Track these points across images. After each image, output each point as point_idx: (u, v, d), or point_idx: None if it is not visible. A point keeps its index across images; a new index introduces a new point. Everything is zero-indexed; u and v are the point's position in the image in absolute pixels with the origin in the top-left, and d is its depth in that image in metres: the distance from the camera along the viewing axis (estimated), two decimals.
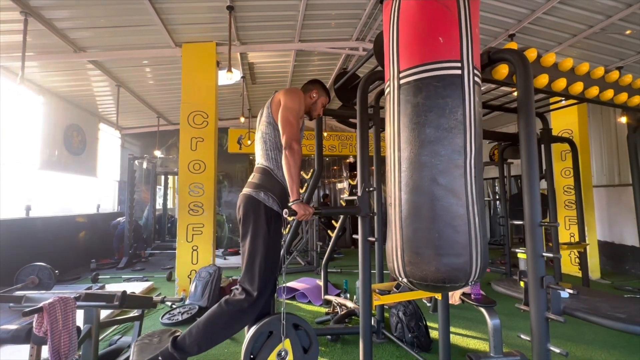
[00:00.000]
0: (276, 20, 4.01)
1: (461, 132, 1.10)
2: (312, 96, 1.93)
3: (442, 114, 1.11)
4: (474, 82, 1.15)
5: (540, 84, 2.03)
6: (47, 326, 1.42)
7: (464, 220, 1.09)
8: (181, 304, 3.37)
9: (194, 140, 4.04)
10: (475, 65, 1.17)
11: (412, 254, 1.14)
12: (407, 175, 1.15)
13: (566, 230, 4.95)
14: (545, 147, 3.97)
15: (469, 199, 1.10)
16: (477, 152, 1.15)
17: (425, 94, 1.13)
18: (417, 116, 1.14)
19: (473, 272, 1.11)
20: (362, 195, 1.80)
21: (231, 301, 1.63)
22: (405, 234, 1.16)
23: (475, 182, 1.13)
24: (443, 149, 1.10)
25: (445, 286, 1.12)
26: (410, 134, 1.15)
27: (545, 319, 1.39)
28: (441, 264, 1.09)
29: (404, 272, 1.18)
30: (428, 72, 1.13)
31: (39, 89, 5.09)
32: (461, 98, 1.11)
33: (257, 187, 1.71)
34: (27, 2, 3.19)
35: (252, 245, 1.65)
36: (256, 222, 1.65)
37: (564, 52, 4.27)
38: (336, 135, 8.38)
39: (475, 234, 1.11)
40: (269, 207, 1.67)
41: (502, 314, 2.83)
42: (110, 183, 7.45)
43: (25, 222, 4.69)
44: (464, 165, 1.10)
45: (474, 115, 1.14)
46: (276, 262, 1.70)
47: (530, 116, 1.52)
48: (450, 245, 1.08)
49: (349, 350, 2.49)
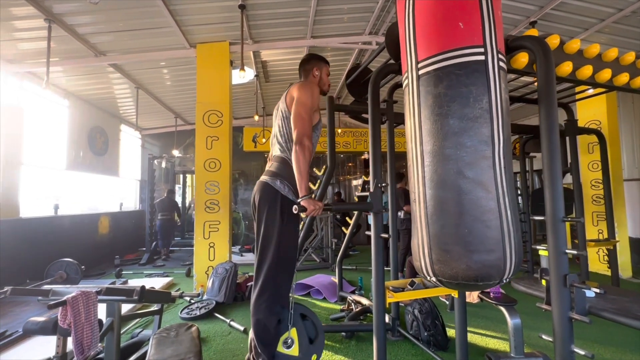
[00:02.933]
0: (288, 17, 4.00)
1: (487, 121, 1.04)
2: (315, 75, 1.91)
3: (466, 104, 1.05)
4: (499, 67, 1.09)
5: (564, 72, 1.92)
6: (70, 319, 1.49)
7: (495, 214, 1.03)
8: (199, 299, 3.45)
9: (209, 139, 4.11)
10: (499, 50, 1.10)
11: (441, 251, 1.09)
12: (431, 170, 1.10)
13: (594, 226, 4.71)
14: (570, 139, 3.77)
15: (500, 192, 1.04)
16: (506, 141, 1.09)
17: (446, 84, 1.07)
18: (439, 107, 1.08)
19: (507, 269, 1.05)
20: (374, 192, 1.77)
21: (255, 301, 1.58)
22: (432, 231, 1.12)
23: (506, 174, 1.06)
24: (469, 140, 1.04)
25: (478, 284, 1.06)
26: (432, 126, 1.10)
27: (569, 319, 1.32)
28: (472, 261, 1.03)
29: (432, 271, 1.13)
30: (449, 60, 1.07)
31: (64, 92, 5.32)
32: (486, 85, 1.05)
33: (273, 175, 1.68)
34: (50, 10, 3.33)
35: (266, 234, 1.63)
36: (271, 210, 1.63)
37: (590, 39, 4.04)
38: (350, 132, 8.31)
39: (508, 228, 1.05)
40: (284, 196, 1.64)
41: (524, 314, 2.72)
42: (131, 182, 7.72)
43: (54, 220, 4.94)
44: (492, 156, 1.04)
45: (500, 102, 1.07)
46: (291, 251, 1.65)
47: (551, 106, 1.44)
48: (481, 241, 1.03)
49: (364, 347, 2.47)
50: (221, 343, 2.58)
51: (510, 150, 1.12)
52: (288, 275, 1.64)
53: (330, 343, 2.56)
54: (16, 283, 3.71)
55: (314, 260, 5.72)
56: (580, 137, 4.82)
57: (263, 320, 1.55)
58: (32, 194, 4.76)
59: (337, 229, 6.57)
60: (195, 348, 1.61)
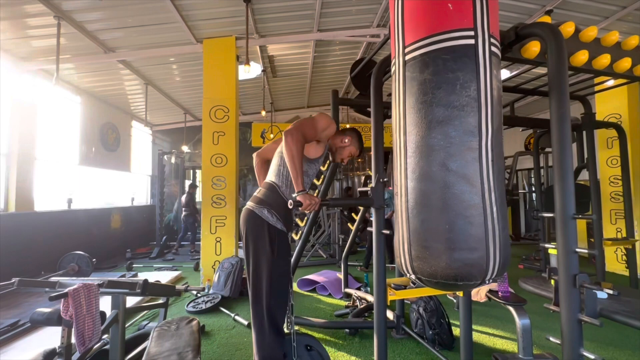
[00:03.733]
0: (294, 10, 3.95)
1: (475, 110, 0.98)
2: (344, 141, 1.76)
3: (452, 90, 0.99)
4: (491, 52, 1.02)
5: (579, 61, 1.82)
6: (72, 310, 1.51)
7: (478, 210, 0.97)
8: (204, 293, 3.49)
9: (215, 134, 4.13)
10: (492, 34, 1.03)
11: (420, 247, 1.04)
12: (413, 161, 1.05)
13: (612, 224, 4.52)
14: (587, 134, 3.61)
15: (485, 186, 0.98)
16: (495, 132, 1.02)
17: (432, 69, 1.01)
18: (423, 94, 1.02)
19: (490, 269, 1.00)
20: (376, 187, 1.72)
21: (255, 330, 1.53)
22: (412, 226, 1.07)
23: (493, 167, 1.00)
24: (454, 130, 0.98)
25: (457, 284, 1.01)
26: (416, 115, 1.04)
27: (578, 321, 1.25)
28: (452, 259, 0.98)
29: (412, 268, 1.08)
30: (436, 45, 1.01)
31: (76, 89, 5.43)
32: (475, 71, 0.99)
33: (260, 203, 1.58)
34: (59, 7, 3.38)
35: (256, 267, 1.54)
36: (259, 241, 1.54)
37: (610, 28, 3.84)
38: (359, 127, 8.22)
39: (492, 225, 0.99)
40: (272, 226, 1.55)
41: (534, 314, 2.64)
42: (142, 177, 7.86)
43: (67, 214, 5.07)
44: (478, 148, 0.98)
45: (490, 90, 1.00)
46: (283, 282, 1.56)
47: (562, 96, 1.36)
48: (462, 239, 0.98)
49: (367, 344, 2.45)
50: (225, 337, 2.59)
51: (500, 142, 1.04)
52: (283, 305, 1.57)
53: (333, 339, 2.54)
54: (31, 275, 3.83)
55: (321, 256, 5.71)
56: (598, 131, 4.62)
57: (269, 357, 1.50)
58: (46, 188, 4.90)
59: (345, 225, 6.54)
60: (194, 342, 1.61)
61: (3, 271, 3.62)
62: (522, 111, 6.86)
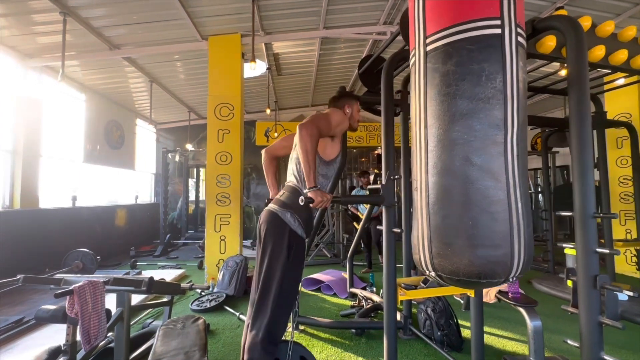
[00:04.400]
0: (300, 7, 3.92)
1: (501, 102, 0.94)
2: (347, 112, 1.78)
3: (477, 82, 0.95)
4: (517, 42, 0.98)
5: (595, 57, 1.78)
6: (77, 308, 1.49)
7: (503, 206, 0.93)
8: (209, 292, 3.47)
9: (220, 132, 4.10)
10: (518, 23, 1.00)
11: (441, 244, 1.01)
12: (435, 155, 1.02)
13: (621, 225, 4.45)
14: (598, 133, 3.55)
15: (510, 181, 0.94)
16: (521, 126, 0.99)
17: (456, 60, 0.98)
18: (446, 86, 0.99)
19: (515, 267, 0.96)
20: (386, 184, 1.68)
21: (250, 332, 1.50)
22: (432, 222, 1.03)
23: (518, 162, 0.97)
24: (478, 123, 0.95)
25: (480, 282, 0.98)
26: (438, 107, 1.01)
27: (599, 324, 1.21)
28: (475, 257, 0.95)
29: (432, 265, 1.05)
30: (460, 34, 0.98)
31: (81, 87, 5.43)
32: (501, 62, 0.95)
33: (284, 206, 1.57)
34: (65, 3, 3.37)
35: (269, 269, 1.52)
36: (277, 244, 1.52)
37: (622, 25, 3.76)
38: (364, 126, 8.17)
39: (517, 222, 0.96)
40: (293, 231, 1.54)
41: (544, 315, 2.59)
42: (147, 175, 7.86)
43: (72, 211, 5.07)
44: (503, 142, 0.95)
45: (516, 82, 0.97)
46: (292, 290, 1.56)
47: (583, 93, 1.32)
48: (486, 235, 0.94)
49: (374, 345, 2.41)
50: (230, 336, 2.57)
51: (525, 136, 1.01)
52: (287, 313, 1.54)
53: (339, 340, 2.51)
54: (35, 271, 3.83)
55: (325, 256, 5.68)
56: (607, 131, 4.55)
57: (251, 346, 1.47)
58: (51, 185, 4.90)
59: (349, 225, 6.50)
60: (201, 341, 1.59)
61: (8, 268, 3.61)
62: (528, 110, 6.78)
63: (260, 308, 1.51)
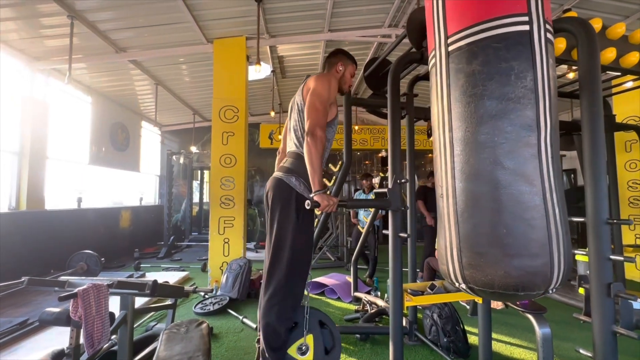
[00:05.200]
0: (305, 10, 3.92)
1: (532, 102, 0.90)
2: (338, 70, 1.76)
3: (506, 82, 0.90)
4: (546, 39, 0.93)
5: (606, 59, 1.75)
6: (81, 311, 1.48)
7: (540, 212, 0.88)
8: (213, 295, 3.45)
9: (225, 134, 4.11)
10: (546, 19, 0.95)
11: (473, 254, 0.95)
12: (462, 160, 0.97)
13: (631, 230, 4.38)
14: (606, 136, 3.50)
15: (546, 185, 0.89)
16: (554, 126, 0.94)
17: (482, 59, 0.93)
18: (472, 87, 0.94)
19: (555, 277, 0.90)
20: (393, 188, 1.66)
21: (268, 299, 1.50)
22: (462, 231, 0.98)
23: (553, 164, 0.92)
24: (509, 125, 0.90)
25: (517, 294, 0.91)
26: (464, 109, 0.96)
27: (613, 334, 1.17)
28: (512, 267, 0.89)
29: (462, 277, 0.99)
30: (485, 32, 0.93)
31: (88, 89, 5.48)
32: (530, 60, 0.90)
33: (288, 172, 1.59)
34: (72, 6, 3.40)
35: (279, 234, 1.53)
36: (285, 208, 1.53)
37: (631, 27, 3.72)
38: (367, 129, 8.16)
39: (556, 229, 0.90)
40: (300, 194, 1.54)
41: (553, 322, 2.54)
42: (151, 177, 7.90)
43: (77, 212, 5.10)
44: (537, 144, 0.89)
45: (547, 80, 0.92)
46: (305, 253, 1.57)
47: (596, 96, 1.29)
48: (523, 244, 0.88)
49: (379, 350, 2.37)
50: (233, 340, 2.55)
51: (558, 137, 0.96)
52: (302, 278, 1.55)
53: (343, 345, 2.47)
54: (40, 273, 3.84)
55: (329, 259, 5.65)
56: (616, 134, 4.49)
57: (273, 324, 1.47)
58: (56, 187, 4.93)
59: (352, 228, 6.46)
60: (205, 346, 1.57)
61: (13, 268, 3.63)
62: None
63: (274, 274, 1.51)
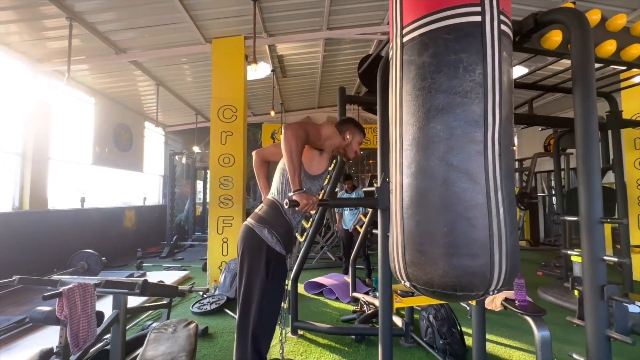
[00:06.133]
0: (302, 9, 3.89)
1: (480, 96, 0.86)
2: (346, 138, 1.68)
3: (454, 74, 0.87)
4: (500, 31, 0.90)
5: (605, 52, 1.67)
6: (66, 310, 1.48)
7: (482, 210, 0.85)
8: (211, 294, 3.45)
9: (223, 134, 4.11)
10: (502, 10, 0.92)
11: (415, 252, 0.93)
12: (410, 155, 0.94)
13: (639, 230, 4.24)
14: (613, 133, 3.40)
15: (490, 184, 0.86)
16: (504, 123, 0.91)
17: (432, 51, 0.90)
18: (422, 80, 0.91)
19: (495, 279, 0.87)
20: (381, 186, 1.62)
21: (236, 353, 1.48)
22: (407, 227, 0.95)
23: (500, 162, 0.88)
24: (455, 120, 0.87)
25: (456, 294, 0.89)
26: (414, 103, 0.93)
27: (606, 338, 1.12)
28: (451, 266, 0.87)
29: (406, 275, 0.97)
30: (437, 23, 0.90)
31: (90, 90, 5.55)
32: (481, 52, 0.87)
33: (261, 222, 1.51)
34: (71, 8, 3.44)
35: (248, 287, 1.48)
36: (254, 261, 1.47)
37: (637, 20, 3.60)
38: (371, 128, 8.08)
39: (498, 228, 0.87)
40: (271, 248, 1.48)
41: (554, 324, 2.46)
42: (155, 178, 7.97)
43: (80, 212, 5.16)
44: (483, 140, 0.86)
45: (499, 74, 0.89)
46: (274, 308, 1.51)
47: (587, 88, 1.23)
48: (463, 243, 0.86)
49: (374, 352, 2.34)
50: (227, 340, 2.54)
51: (510, 134, 0.92)
52: (270, 332, 1.51)
53: (338, 346, 2.45)
54: (43, 272, 3.90)
55: (329, 259, 5.61)
56: (624, 131, 4.36)
57: None
58: (60, 187, 5.00)
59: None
60: (190, 347, 1.56)
61: (16, 267, 3.68)
62: (541, 110, 6.58)
63: (241, 329, 1.48)
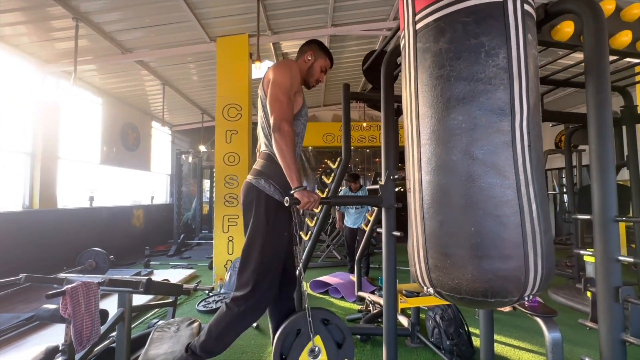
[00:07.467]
0: (306, 5, 3.86)
1: (505, 82, 0.79)
2: (307, 59, 1.60)
3: (475, 60, 0.80)
4: (524, 11, 0.82)
5: (620, 43, 1.60)
6: (70, 309, 1.48)
7: (513, 207, 0.78)
8: (216, 292, 3.46)
9: (228, 132, 4.11)
10: None
11: (439, 255, 0.85)
12: (429, 150, 0.87)
13: None
14: (628, 129, 3.28)
15: (521, 178, 0.78)
16: (532, 110, 0.83)
17: (450, 36, 0.83)
18: (439, 68, 0.84)
19: (531, 282, 0.80)
20: (385, 184, 1.59)
21: (230, 301, 1.49)
22: (428, 229, 0.88)
23: (530, 153, 0.81)
24: (478, 109, 0.79)
25: (487, 301, 0.81)
26: (431, 94, 0.86)
27: (621, 342, 1.07)
28: (481, 270, 0.79)
29: (429, 280, 0.90)
30: (453, 6, 0.83)
31: (98, 91, 5.61)
32: (504, 35, 0.80)
33: (257, 174, 1.54)
34: (77, 9, 3.46)
35: (249, 238, 1.50)
36: (255, 212, 1.49)
37: None
38: (377, 126, 8.01)
39: (532, 227, 0.79)
40: (270, 196, 1.49)
41: (565, 326, 2.40)
42: (162, 177, 8.05)
43: (89, 211, 5.24)
44: (510, 130, 0.79)
45: (524, 58, 0.81)
46: (276, 256, 1.51)
47: (601, 80, 1.17)
48: (493, 244, 0.79)
49: (379, 352, 2.30)
50: None
51: (538, 123, 0.84)
52: (270, 282, 1.50)
53: None
54: (53, 270, 3.96)
55: (335, 258, 5.59)
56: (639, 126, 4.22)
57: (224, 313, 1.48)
58: (69, 186, 5.08)
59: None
60: None
61: (27, 266, 3.75)
62: (552, 106, 6.43)
63: (241, 278, 1.48)
